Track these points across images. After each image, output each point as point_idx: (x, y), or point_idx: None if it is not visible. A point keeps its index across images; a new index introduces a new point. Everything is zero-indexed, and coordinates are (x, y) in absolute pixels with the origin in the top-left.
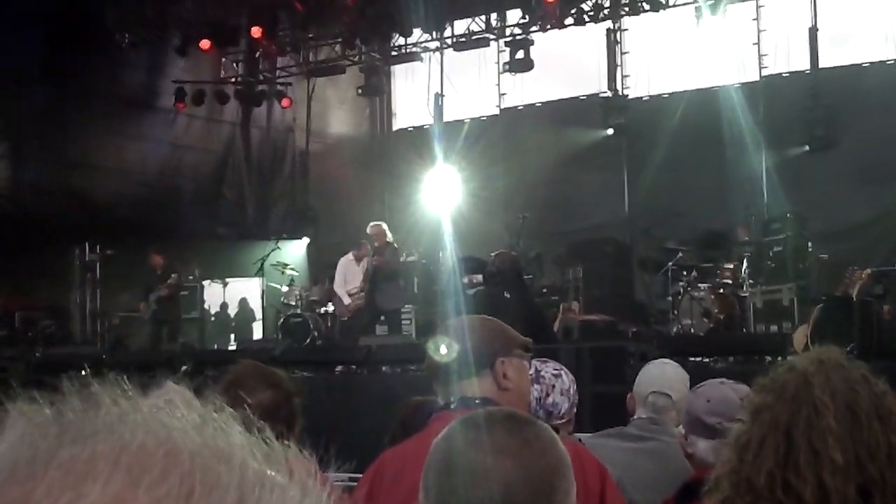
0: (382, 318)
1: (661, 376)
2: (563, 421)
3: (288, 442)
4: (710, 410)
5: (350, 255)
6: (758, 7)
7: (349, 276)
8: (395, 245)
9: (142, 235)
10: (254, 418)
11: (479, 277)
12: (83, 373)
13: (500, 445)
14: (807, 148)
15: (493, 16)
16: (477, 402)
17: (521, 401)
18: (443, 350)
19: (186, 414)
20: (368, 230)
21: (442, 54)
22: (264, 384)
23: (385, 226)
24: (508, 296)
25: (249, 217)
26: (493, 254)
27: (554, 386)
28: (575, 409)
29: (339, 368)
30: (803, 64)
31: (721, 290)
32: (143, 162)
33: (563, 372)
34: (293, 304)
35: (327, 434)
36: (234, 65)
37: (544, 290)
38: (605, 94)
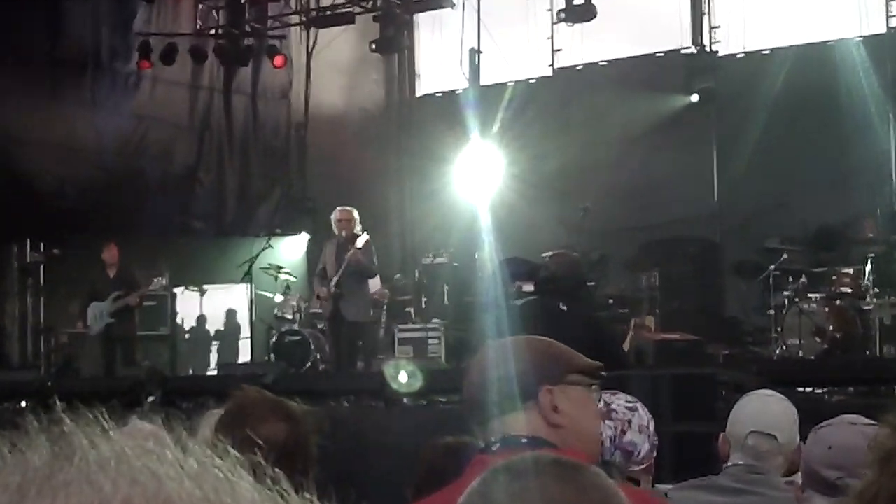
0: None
1: (763, 412)
2: (643, 467)
3: (308, 494)
4: (830, 461)
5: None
6: None
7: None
8: (368, 237)
9: (96, 230)
10: (266, 465)
11: (529, 285)
12: (23, 404)
13: (550, 497)
14: None
15: None
16: (524, 441)
17: (581, 440)
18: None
19: (181, 459)
20: (334, 216)
21: None
22: (275, 417)
23: (356, 213)
24: (565, 308)
25: (232, 207)
26: (545, 255)
27: (630, 421)
28: (655, 453)
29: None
30: None
31: (838, 302)
32: (96, 138)
33: (638, 405)
34: (289, 317)
35: (334, 483)
36: (214, 13)
37: (611, 302)
38: (688, 51)
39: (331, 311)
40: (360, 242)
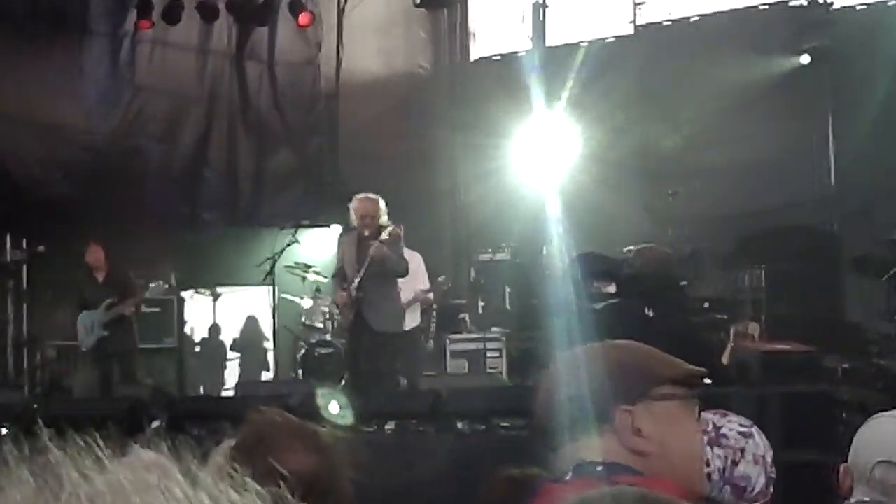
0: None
1: (893, 438)
2: None
3: None
4: None
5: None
6: None
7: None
8: (398, 230)
9: (87, 223)
10: (292, 499)
11: (608, 286)
12: (2, 431)
13: None
14: None
15: None
16: (599, 469)
17: (675, 467)
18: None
19: (191, 494)
20: (353, 205)
21: None
22: (300, 445)
23: (382, 202)
24: (652, 314)
25: (248, 195)
26: (628, 249)
27: (743, 450)
28: (772, 488)
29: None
30: None
31: None
32: (85, 114)
33: (753, 430)
34: (319, 326)
35: None
36: None
37: (706, 305)
38: (797, 2)
39: (350, 320)
40: (385, 233)
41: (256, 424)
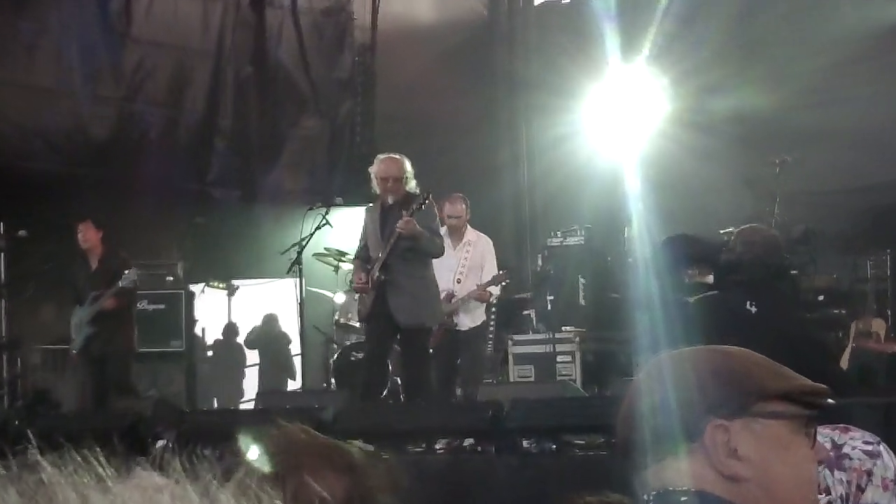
0: (399, 338)
1: None
2: None
3: None
4: None
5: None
6: None
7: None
8: (426, 196)
9: (76, 203)
10: None
11: (704, 276)
12: None
13: None
14: None
15: None
16: (684, 500)
17: (778, 501)
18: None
19: None
20: (374, 169)
21: None
22: (330, 467)
23: (408, 164)
24: (756, 309)
25: (266, 168)
26: (726, 231)
27: (870, 473)
28: None
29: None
30: None
31: None
32: (70, 73)
33: (881, 448)
34: (356, 325)
35: None
36: None
37: (820, 298)
38: None
39: (368, 308)
40: (416, 203)
41: (276, 443)
